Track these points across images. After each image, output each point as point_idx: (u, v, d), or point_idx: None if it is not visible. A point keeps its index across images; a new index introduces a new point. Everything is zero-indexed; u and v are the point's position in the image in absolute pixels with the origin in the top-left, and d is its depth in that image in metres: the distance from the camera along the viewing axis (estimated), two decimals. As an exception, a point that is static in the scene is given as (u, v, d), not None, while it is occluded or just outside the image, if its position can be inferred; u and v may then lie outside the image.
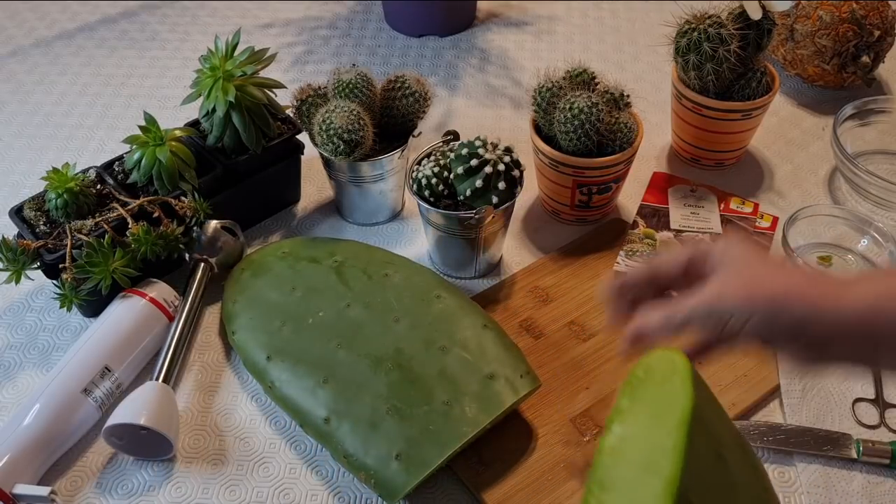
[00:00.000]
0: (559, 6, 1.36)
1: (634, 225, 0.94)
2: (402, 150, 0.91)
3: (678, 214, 0.95)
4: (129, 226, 0.81)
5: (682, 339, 0.55)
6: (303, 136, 0.93)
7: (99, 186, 0.86)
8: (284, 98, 0.93)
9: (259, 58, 0.88)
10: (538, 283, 0.88)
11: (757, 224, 0.94)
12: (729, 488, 0.50)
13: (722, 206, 0.96)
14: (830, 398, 0.78)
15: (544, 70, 0.89)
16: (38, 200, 0.85)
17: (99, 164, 0.89)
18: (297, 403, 0.74)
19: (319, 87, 0.91)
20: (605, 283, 0.60)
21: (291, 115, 0.93)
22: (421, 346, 0.75)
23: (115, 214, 0.82)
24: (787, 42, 1.12)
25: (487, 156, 0.78)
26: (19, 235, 0.83)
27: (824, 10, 1.06)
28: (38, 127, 1.14)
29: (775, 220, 0.94)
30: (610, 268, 0.89)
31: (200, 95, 0.88)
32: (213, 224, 0.89)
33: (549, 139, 0.89)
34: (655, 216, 0.95)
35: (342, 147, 0.84)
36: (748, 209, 0.95)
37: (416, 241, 0.95)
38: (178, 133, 0.88)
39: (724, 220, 0.94)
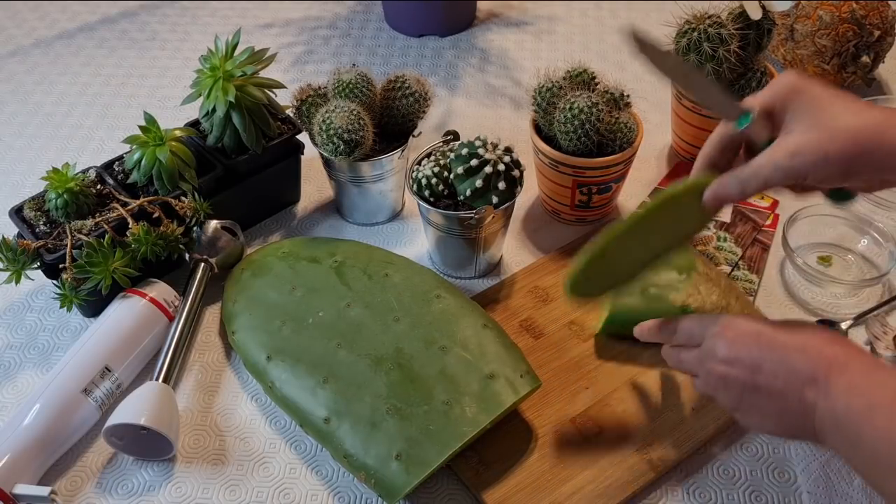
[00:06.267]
0: (559, 6, 1.36)
1: (634, 225, 0.94)
2: (402, 150, 0.91)
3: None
4: (129, 226, 0.81)
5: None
6: (303, 136, 0.93)
7: (99, 186, 0.86)
8: (284, 98, 0.93)
9: (259, 58, 0.88)
10: (538, 283, 0.88)
11: (755, 203, 0.96)
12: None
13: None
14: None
15: (544, 70, 0.89)
16: (38, 200, 0.85)
17: (99, 164, 0.89)
18: (297, 403, 0.74)
19: (319, 87, 0.91)
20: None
21: (291, 115, 0.93)
22: (421, 346, 0.75)
23: (115, 214, 0.82)
24: (787, 42, 1.12)
25: (487, 156, 0.78)
26: (19, 235, 0.83)
27: (824, 10, 1.06)
28: (38, 127, 1.14)
29: (775, 202, 0.95)
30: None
31: (200, 95, 0.88)
32: (213, 224, 0.89)
33: (549, 139, 0.89)
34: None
35: (342, 147, 0.84)
36: (766, 203, 0.97)
37: (416, 241, 0.95)
38: (178, 133, 0.88)
39: (735, 212, 0.95)
